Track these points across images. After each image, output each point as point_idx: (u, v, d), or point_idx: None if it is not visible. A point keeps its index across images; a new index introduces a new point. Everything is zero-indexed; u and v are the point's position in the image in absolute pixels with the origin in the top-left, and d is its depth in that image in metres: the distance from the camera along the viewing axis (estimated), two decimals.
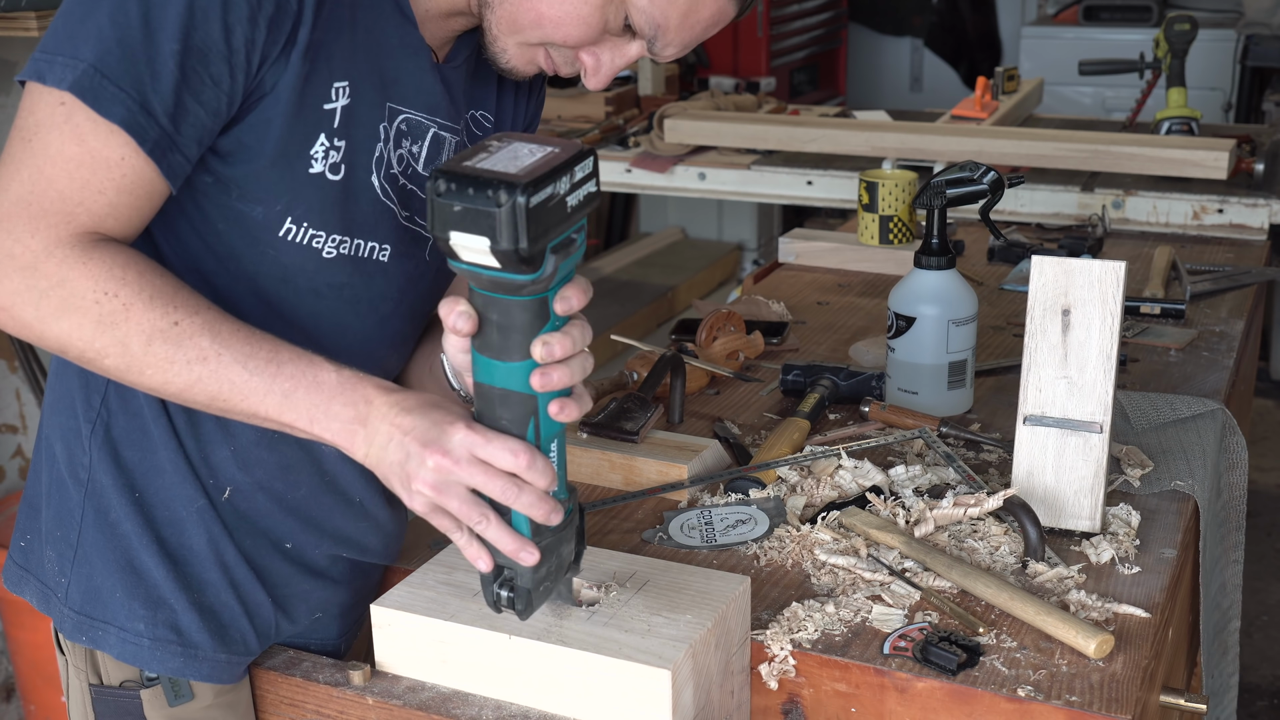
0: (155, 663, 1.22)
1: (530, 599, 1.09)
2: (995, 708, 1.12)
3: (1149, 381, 1.77)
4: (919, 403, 1.66)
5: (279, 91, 1.09)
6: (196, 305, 1.08)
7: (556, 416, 1.05)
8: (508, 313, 1.01)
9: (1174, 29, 2.96)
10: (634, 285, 4.14)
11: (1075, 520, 1.36)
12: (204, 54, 1.04)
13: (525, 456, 1.03)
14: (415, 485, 1.05)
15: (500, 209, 0.93)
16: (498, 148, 0.99)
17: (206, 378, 1.07)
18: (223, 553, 1.23)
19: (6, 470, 2.90)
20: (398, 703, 1.16)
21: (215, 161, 1.12)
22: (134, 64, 1.02)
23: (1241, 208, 2.54)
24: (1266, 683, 3.18)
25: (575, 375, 1.04)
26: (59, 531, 1.24)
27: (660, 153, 3.11)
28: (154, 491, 1.21)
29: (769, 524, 1.39)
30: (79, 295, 1.05)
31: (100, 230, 1.07)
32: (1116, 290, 1.31)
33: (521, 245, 0.94)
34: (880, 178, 2.25)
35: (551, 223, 0.96)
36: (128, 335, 1.05)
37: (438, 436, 1.04)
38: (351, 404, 1.08)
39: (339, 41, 1.12)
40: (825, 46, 5.61)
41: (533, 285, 0.99)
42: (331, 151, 1.14)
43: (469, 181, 0.95)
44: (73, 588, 1.23)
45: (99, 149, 1.04)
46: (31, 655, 2.68)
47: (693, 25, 1.17)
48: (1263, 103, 4.66)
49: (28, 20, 2.29)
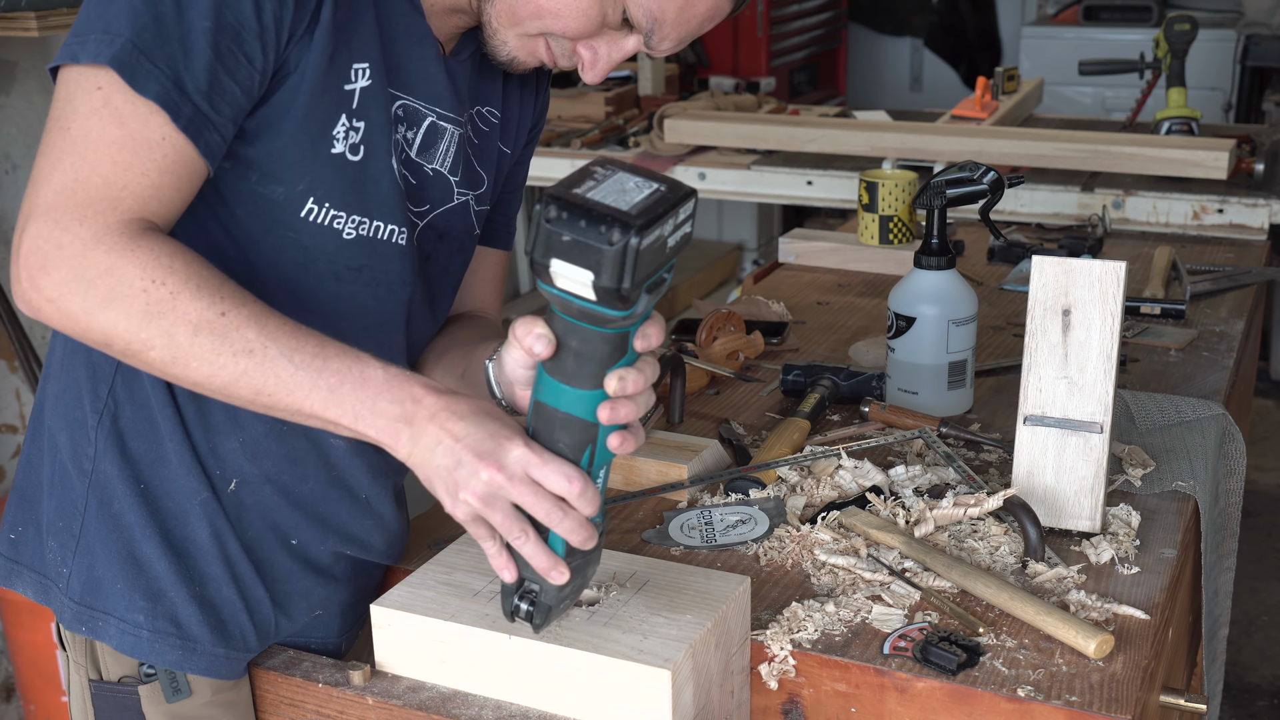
0: (153, 654, 1.22)
1: (550, 615, 1.09)
2: (995, 708, 1.12)
3: (1149, 381, 1.77)
4: (919, 403, 1.66)
5: (303, 69, 1.10)
6: (243, 298, 1.07)
7: (615, 449, 1.05)
8: (589, 342, 1.00)
9: (1174, 29, 2.96)
10: None
11: (1075, 520, 1.36)
12: (236, 31, 1.04)
13: (579, 484, 1.03)
14: (463, 494, 1.05)
15: (612, 248, 0.92)
16: (604, 175, 0.97)
17: (252, 371, 1.05)
18: (226, 546, 1.23)
19: (6, 470, 2.90)
20: (398, 703, 1.16)
21: (237, 143, 1.12)
22: (167, 42, 1.03)
23: (1241, 208, 2.54)
24: (1266, 683, 3.18)
25: (640, 410, 1.05)
26: (61, 522, 1.24)
27: (660, 153, 3.11)
28: (159, 483, 1.21)
29: (769, 524, 1.39)
30: (126, 283, 1.03)
31: (145, 214, 1.06)
32: (1117, 290, 1.31)
33: (624, 285, 0.93)
34: (880, 178, 2.25)
35: (653, 263, 0.95)
36: (174, 325, 1.04)
37: (494, 450, 1.03)
38: (398, 401, 1.06)
39: (360, 23, 1.14)
40: (825, 46, 5.61)
41: (622, 321, 0.98)
42: (351, 132, 1.15)
43: (581, 213, 0.93)
44: (74, 578, 1.23)
45: (139, 130, 1.04)
46: (31, 655, 2.68)
47: (689, 20, 1.18)
48: (1263, 103, 4.66)
49: (28, 20, 2.29)
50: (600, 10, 1.16)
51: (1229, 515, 1.67)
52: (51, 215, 1.04)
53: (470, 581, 1.20)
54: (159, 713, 1.25)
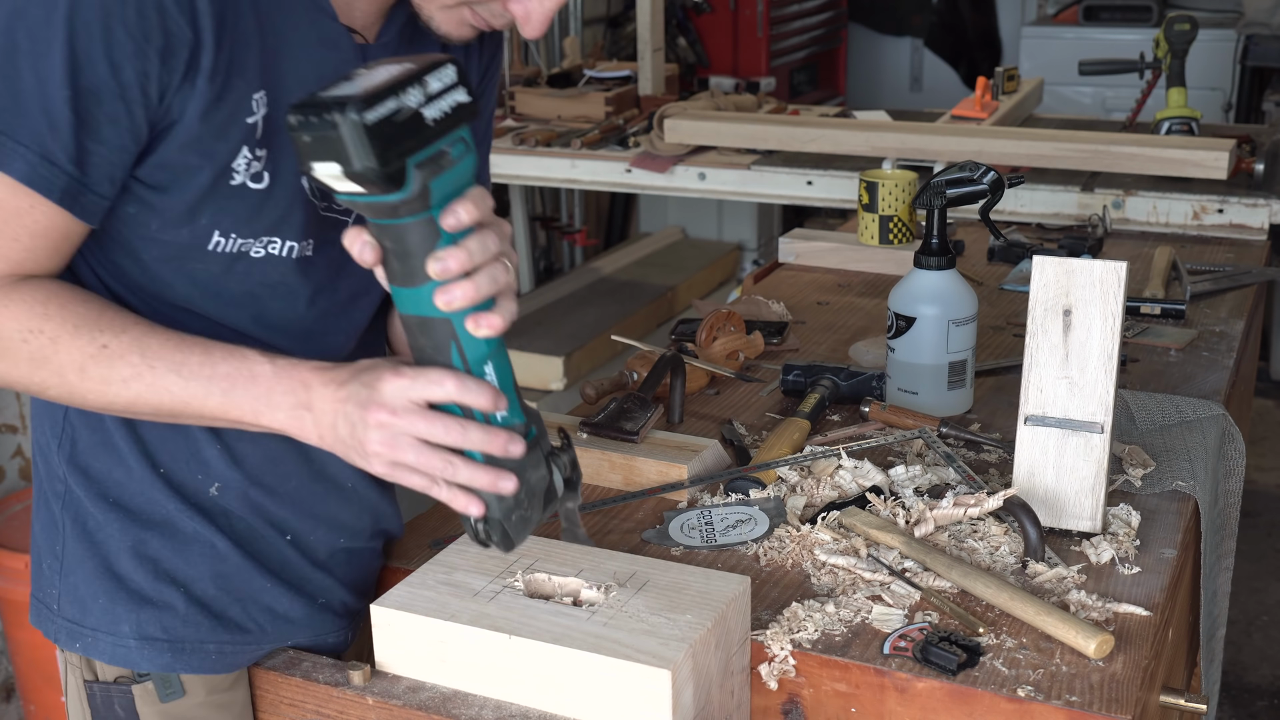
0: (144, 661, 1.23)
1: (505, 530, 1.08)
2: (995, 708, 1.12)
3: (1149, 381, 1.77)
4: (919, 403, 1.66)
5: (187, 118, 1.07)
6: (123, 324, 1.10)
7: (475, 332, 1.03)
8: (397, 238, 1.00)
9: (1174, 29, 2.96)
10: (634, 285, 4.14)
11: (1076, 520, 1.36)
12: (96, 94, 1.02)
13: (452, 381, 1.03)
14: (369, 449, 1.06)
15: (339, 129, 0.91)
16: (360, 74, 0.97)
17: (145, 392, 1.09)
18: (212, 545, 1.24)
19: (6, 470, 2.90)
20: (398, 703, 1.16)
21: (142, 190, 1.11)
22: (30, 117, 1.02)
23: (1241, 208, 2.54)
24: (1266, 683, 3.18)
25: (483, 287, 1.03)
26: (46, 543, 1.27)
27: (660, 153, 3.11)
28: (129, 497, 1.22)
29: (769, 524, 1.39)
30: (6, 337, 1.07)
31: (21, 273, 1.08)
32: (1118, 290, 1.31)
33: (369, 164, 0.92)
34: (880, 178, 2.25)
35: (403, 137, 0.93)
36: (61, 367, 1.08)
37: (371, 395, 1.05)
38: (291, 390, 1.09)
39: (249, 54, 1.09)
40: (825, 46, 5.61)
41: (407, 205, 0.97)
42: (253, 162, 1.12)
43: (314, 109, 0.93)
44: (63, 598, 1.25)
45: (7, 199, 1.04)
46: (31, 655, 2.68)
47: None
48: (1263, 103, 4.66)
49: None
50: None
51: (1228, 515, 1.67)
52: None
53: (470, 581, 1.20)
54: (153, 712, 1.26)
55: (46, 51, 1.00)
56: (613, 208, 5.04)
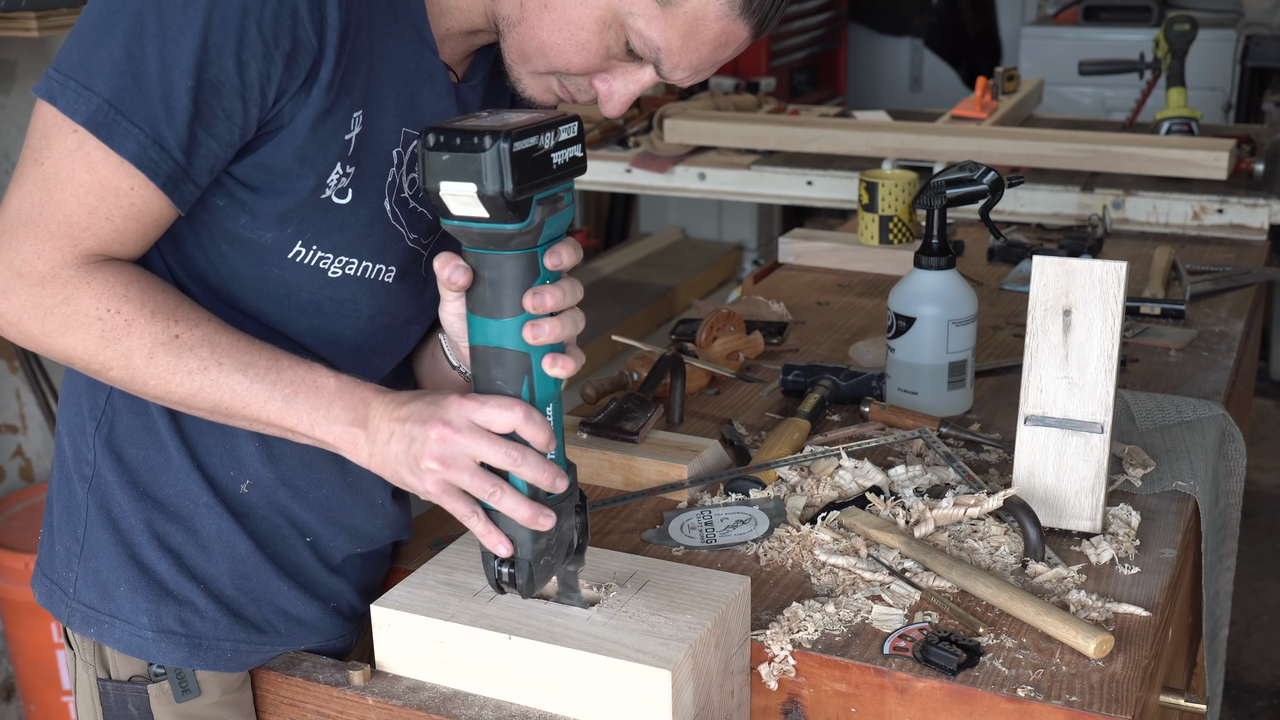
0: (160, 654, 1.23)
1: (531, 572, 1.10)
2: (995, 708, 1.12)
3: (1149, 381, 1.77)
4: (919, 403, 1.66)
5: (296, 125, 1.10)
6: (197, 318, 1.11)
7: (550, 371, 1.07)
8: (498, 267, 1.05)
9: (1174, 29, 2.96)
10: (634, 285, 4.14)
11: (1076, 520, 1.36)
12: (217, 88, 1.05)
13: (521, 410, 1.06)
14: (424, 464, 1.08)
15: (485, 153, 0.98)
16: (487, 115, 1.05)
17: (208, 387, 1.10)
18: (234, 544, 1.24)
19: (6, 470, 2.90)
20: (398, 703, 1.16)
21: (236, 187, 1.13)
22: (148, 99, 1.03)
23: (1241, 208, 2.54)
24: (1266, 683, 3.18)
25: (567, 329, 1.07)
26: (66, 526, 1.26)
27: (660, 153, 3.11)
28: (159, 487, 1.22)
29: (769, 524, 1.39)
30: (83, 312, 1.08)
31: (105, 253, 1.09)
32: (1118, 290, 1.31)
33: (507, 188, 0.98)
34: (880, 178, 2.25)
35: (536, 173, 1.01)
36: (130, 349, 1.09)
37: (435, 412, 1.08)
38: (351, 406, 1.11)
39: (358, 72, 1.13)
40: (825, 46, 5.61)
41: (521, 236, 1.02)
42: (343, 178, 1.15)
43: (457, 134, 1.00)
44: (80, 582, 1.25)
45: (109, 178, 1.05)
46: (31, 655, 2.68)
47: (698, 48, 1.13)
48: (1263, 103, 4.66)
49: (28, 20, 2.29)
50: (601, 44, 1.14)
51: (1229, 516, 1.67)
52: (12, 244, 1.07)
53: (470, 581, 1.21)
54: (168, 712, 1.25)
55: (178, 38, 1.02)
56: (613, 208, 5.04)
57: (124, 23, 1.03)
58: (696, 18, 1.11)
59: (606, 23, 1.13)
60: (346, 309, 1.22)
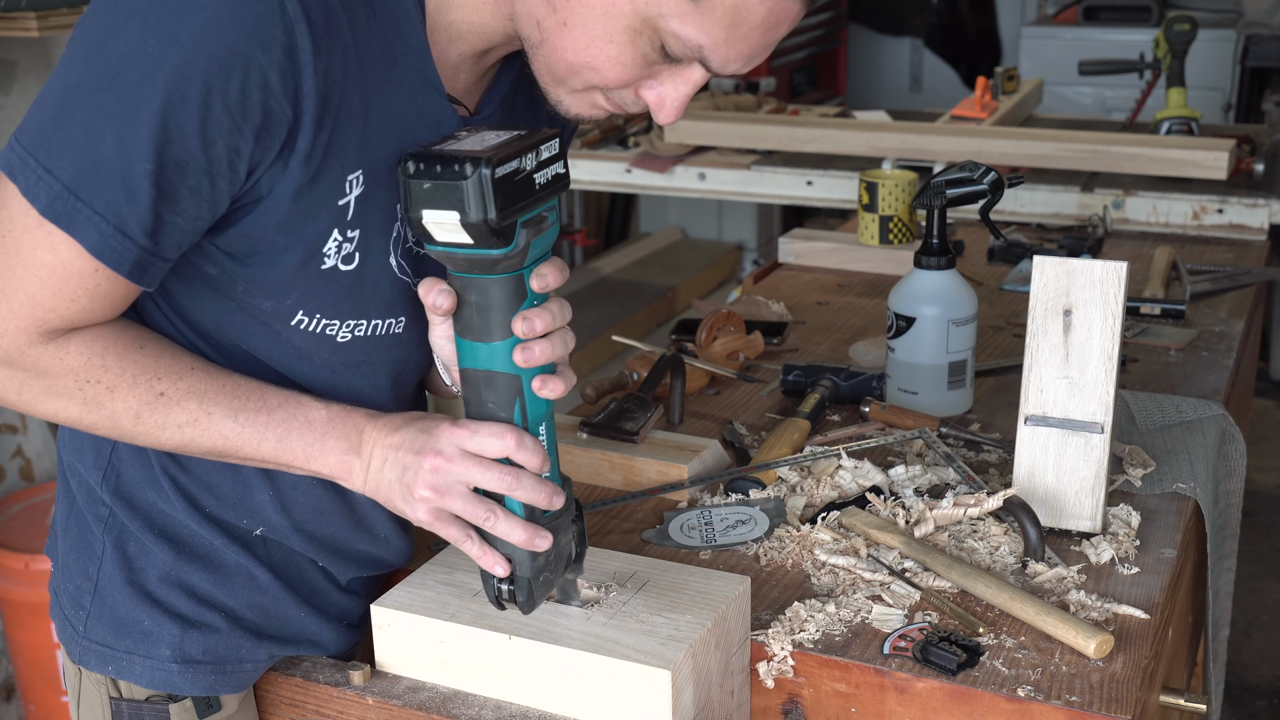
0: (186, 685, 1.21)
1: (531, 590, 1.10)
2: (995, 708, 1.12)
3: (1149, 381, 1.77)
4: (919, 403, 1.66)
5: (276, 197, 1.04)
6: (180, 370, 1.10)
7: (540, 392, 1.07)
8: (485, 292, 1.04)
9: (1174, 29, 2.96)
10: (634, 285, 4.14)
11: (1076, 520, 1.36)
12: (181, 167, 0.99)
13: (513, 436, 1.05)
14: (417, 493, 1.08)
15: (467, 180, 0.97)
16: (466, 135, 1.03)
17: (199, 437, 1.11)
18: (253, 575, 1.23)
19: (6, 470, 2.90)
20: (398, 703, 1.16)
21: (223, 258, 1.09)
22: (108, 185, 0.98)
23: (1241, 208, 2.54)
24: (1266, 683, 3.18)
25: (557, 350, 1.07)
26: (77, 565, 1.24)
27: (660, 153, 3.11)
28: (174, 529, 1.21)
29: (769, 524, 1.39)
30: (60, 384, 1.07)
31: (73, 326, 1.05)
32: (1118, 290, 1.31)
33: (490, 216, 0.97)
34: (880, 178, 2.25)
35: (519, 196, 0.99)
36: (115, 413, 1.09)
37: (427, 441, 1.08)
38: (344, 436, 1.12)
39: (350, 135, 1.05)
40: (825, 46, 5.61)
41: (506, 260, 1.01)
42: (345, 244, 1.10)
43: (437, 160, 0.98)
44: (92, 620, 1.22)
45: (72, 261, 1.01)
46: (31, 655, 2.68)
47: (746, 36, 1.04)
48: (1262, 103, 4.65)
49: (28, 20, 2.29)
50: (636, 54, 1.05)
51: (1229, 516, 1.67)
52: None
53: (470, 581, 1.20)
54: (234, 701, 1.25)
55: (135, 120, 0.96)
56: (613, 208, 5.03)
57: (83, 101, 0.97)
58: (738, 5, 1.02)
59: (637, 30, 1.04)
60: (363, 370, 1.19)
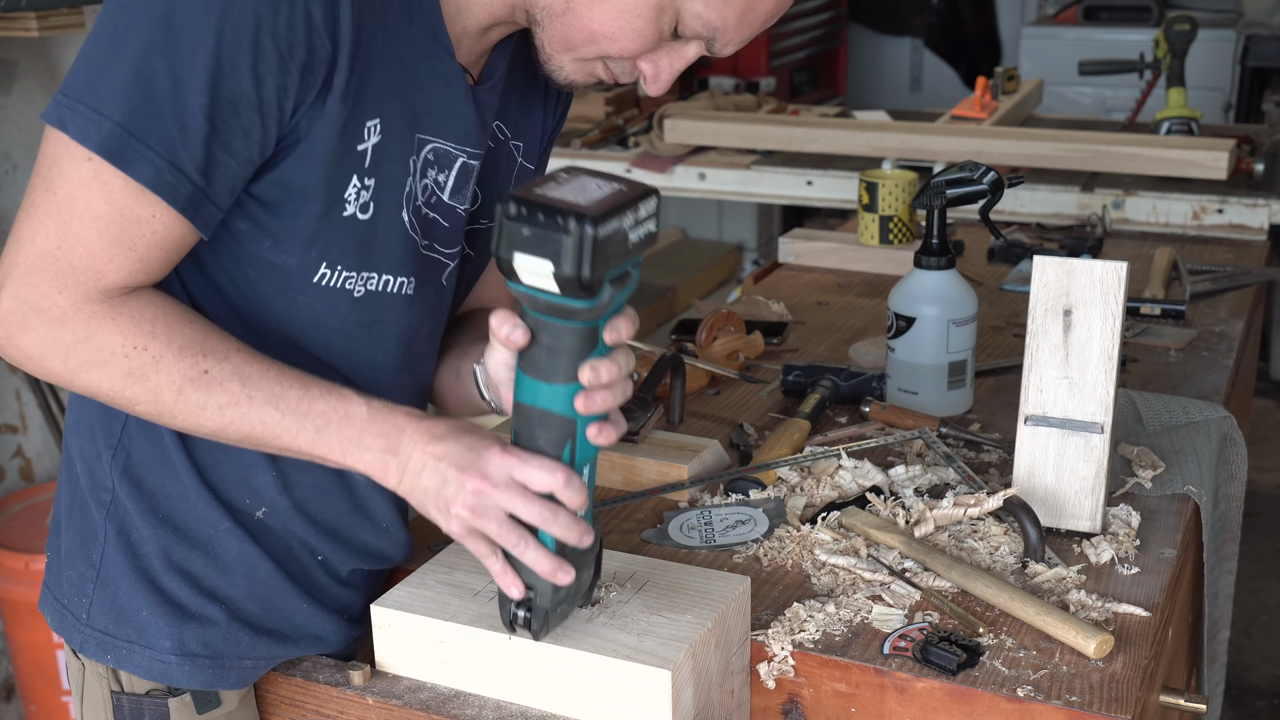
0: (184, 677, 1.21)
1: (547, 620, 1.10)
2: (995, 708, 1.12)
3: (1149, 381, 1.77)
4: (919, 403, 1.66)
5: (314, 138, 1.07)
6: (226, 350, 1.09)
7: (594, 440, 1.06)
8: (559, 337, 1.03)
9: (1174, 29, 2.96)
10: None
11: (1076, 521, 1.36)
12: (234, 105, 1.01)
13: (562, 475, 1.05)
14: (454, 510, 1.07)
15: (569, 236, 0.96)
16: (566, 180, 1.01)
17: (239, 420, 1.09)
18: (253, 565, 1.23)
19: (6, 470, 2.90)
20: (398, 703, 1.16)
21: (256, 208, 1.10)
22: (161, 121, 1.00)
23: (1241, 208, 2.54)
24: (1266, 683, 3.18)
25: (616, 400, 1.06)
26: (80, 551, 1.23)
27: (660, 153, 3.11)
28: (178, 514, 1.21)
29: (769, 524, 1.39)
30: (108, 350, 1.06)
31: (129, 284, 1.06)
32: (1118, 290, 1.31)
33: (584, 273, 0.97)
34: (880, 178, 2.25)
35: (613, 255, 0.98)
36: (158, 386, 1.07)
37: (474, 461, 1.06)
38: (383, 434, 1.10)
39: (372, 79, 1.09)
40: (825, 46, 5.61)
41: (588, 313, 1.01)
42: (363, 191, 1.12)
43: (540, 208, 0.97)
44: (95, 608, 1.22)
45: (130, 207, 1.02)
46: (31, 655, 2.68)
47: (752, 21, 1.15)
48: (1262, 103, 4.66)
49: (28, 20, 2.29)
50: (657, 30, 1.14)
51: (1229, 519, 1.67)
52: (30, 279, 1.04)
53: (470, 581, 1.21)
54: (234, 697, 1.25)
55: (190, 55, 0.98)
56: None
57: (133, 41, 0.99)
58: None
59: (662, 8, 1.12)
60: (375, 331, 1.21)
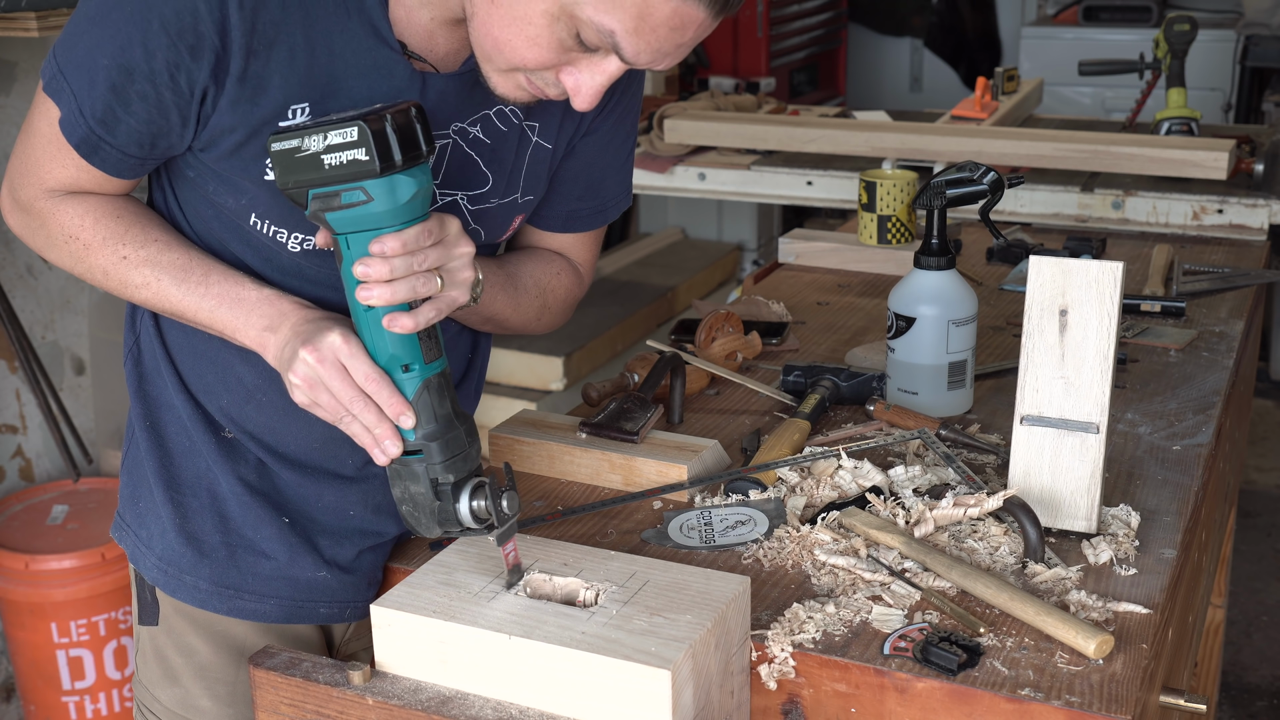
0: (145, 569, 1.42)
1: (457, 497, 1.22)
2: (995, 708, 1.12)
3: (1149, 381, 1.78)
4: (919, 403, 1.66)
5: (221, 110, 1.22)
6: (144, 239, 1.30)
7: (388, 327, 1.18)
8: None
9: (1174, 29, 2.96)
10: (634, 285, 4.14)
11: (1072, 520, 1.36)
12: (129, 72, 1.20)
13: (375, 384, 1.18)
14: (290, 377, 1.22)
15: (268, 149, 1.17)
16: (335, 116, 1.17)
17: (153, 299, 1.31)
18: (213, 485, 1.39)
19: (6, 470, 2.90)
20: (398, 703, 1.16)
21: (200, 152, 1.27)
22: (80, 74, 1.22)
23: (1241, 208, 2.54)
24: (1266, 683, 3.19)
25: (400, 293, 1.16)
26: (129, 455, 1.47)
27: (660, 153, 3.11)
28: (164, 424, 1.41)
29: (769, 525, 1.39)
30: (54, 236, 1.32)
31: (75, 189, 1.30)
32: (1114, 291, 1.31)
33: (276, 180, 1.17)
34: (880, 178, 2.25)
35: (302, 170, 1.15)
36: (92, 268, 1.32)
37: (312, 335, 1.21)
38: (266, 316, 1.27)
39: (292, 68, 1.22)
40: (825, 46, 5.61)
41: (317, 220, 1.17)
42: None
43: None
44: (125, 501, 1.47)
45: (58, 134, 1.25)
46: (31, 655, 2.68)
47: (653, 30, 1.11)
48: (1262, 103, 4.66)
49: (28, 20, 2.29)
50: (553, 38, 1.13)
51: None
52: (11, 176, 1.33)
53: (470, 581, 1.21)
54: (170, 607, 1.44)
55: (108, 30, 1.20)
56: None
57: (89, 11, 1.22)
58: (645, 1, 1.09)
59: (555, 15, 1.12)
60: (322, 278, 1.33)
